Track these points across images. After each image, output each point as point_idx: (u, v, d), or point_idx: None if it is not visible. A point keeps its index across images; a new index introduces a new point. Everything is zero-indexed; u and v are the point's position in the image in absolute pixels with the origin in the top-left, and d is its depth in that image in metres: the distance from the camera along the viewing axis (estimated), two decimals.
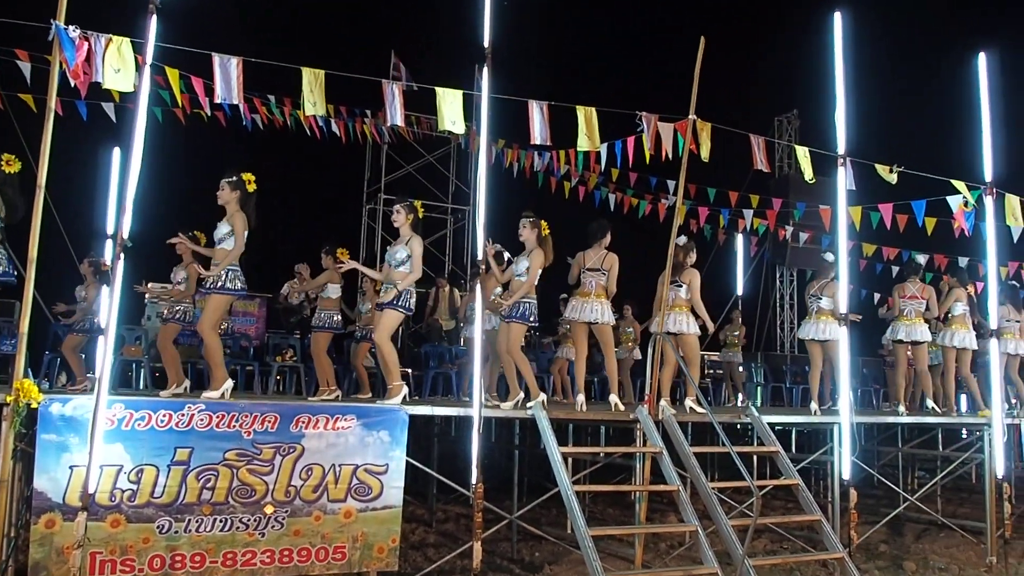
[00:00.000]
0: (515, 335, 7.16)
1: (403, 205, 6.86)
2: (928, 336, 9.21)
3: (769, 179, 17.11)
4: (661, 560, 7.75)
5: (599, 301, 7.43)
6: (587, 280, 7.52)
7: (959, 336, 9.57)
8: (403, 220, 6.82)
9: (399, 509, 5.76)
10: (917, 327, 9.17)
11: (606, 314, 7.43)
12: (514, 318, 7.08)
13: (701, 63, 7.10)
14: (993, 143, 8.28)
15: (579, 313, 7.48)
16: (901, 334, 9.27)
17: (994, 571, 7.83)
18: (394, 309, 6.58)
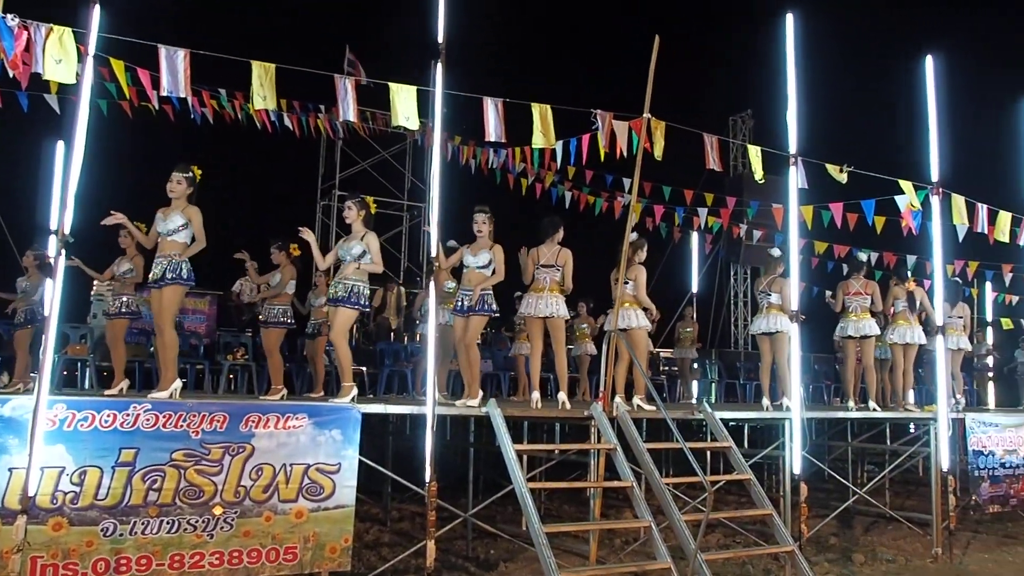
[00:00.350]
0: (475, 328, 7.14)
1: (354, 201, 6.79)
2: (875, 330, 9.35)
3: (723, 178, 17.32)
4: (615, 556, 7.78)
5: (553, 296, 7.42)
6: (541, 276, 7.51)
7: (899, 331, 9.75)
8: (355, 216, 6.75)
9: (352, 508, 5.69)
10: (864, 322, 9.32)
11: (560, 309, 7.42)
12: (478, 311, 7.05)
13: (656, 62, 7.13)
14: (940, 144, 8.45)
15: (533, 309, 7.47)
16: (850, 330, 9.41)
17: (940, 562, 8.00)
18: (348, 306, 6.51)
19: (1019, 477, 9.10)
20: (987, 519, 9.68)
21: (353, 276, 6.57)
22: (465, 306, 7.13)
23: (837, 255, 13.45)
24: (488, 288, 7.13)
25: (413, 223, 17.74)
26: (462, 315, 7.16)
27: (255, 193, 17.85)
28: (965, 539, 9.06)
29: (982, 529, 9.67)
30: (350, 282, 6.55)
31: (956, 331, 10.62)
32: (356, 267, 6.55)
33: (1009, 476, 9.02)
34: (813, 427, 10.84)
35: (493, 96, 6.79)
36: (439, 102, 6.38)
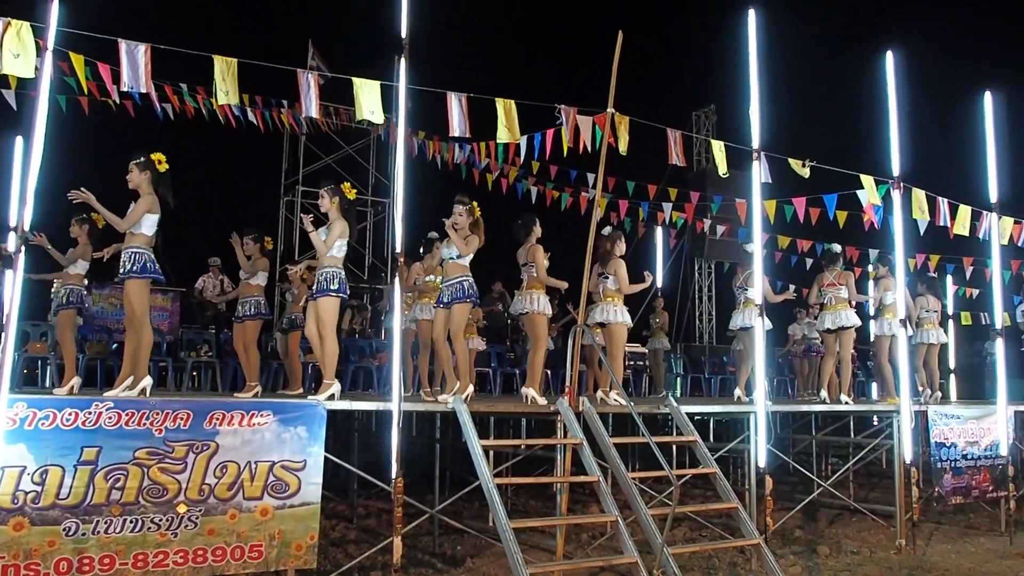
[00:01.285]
0: (459, 317, 6.99)
1: (327, 189, 6.67)
2: (855, 321, 9.44)
3: (687, 173, 17.44)
4: (583, 550, 7.81)
5: (528, 293, 7.45)
6: (522, 274, 7.58)
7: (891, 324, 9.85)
8: (328, 204, 6.64)
9: (317, 506, 5.64)
10: (842, 313, 9.40)
11: (534, 304, 7.43)
12: (459, 299, 6.96)
13: (619, 57, 7.15)
14: (900, 139, 8.57)
15: (515, 307, 7.55)
16: (828, 323, 9.50)
17: (903, 553, 8.12)
18: (330, 295, 6.41)
19: (981, 468, 9.27)
20: (949, 510, 9.87)
21: (328, 264, 6.49)
22: (443, 298, 7.09)
23: (800, 249, 13.61)
24: (466, 275, 6.99)
25: (378, 219, 17.66)
26: (444, 307, 7.12)
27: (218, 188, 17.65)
28: (928, 530, 9.22)
29: (945, 520, 9.85)
30: (324, 271, 6.47)
31: (932, 325, 10.78)
32: (336, 258, 6.48)
33: (971, 468, 9.18)
34: (778, 420, 11.00)
35: (457, 91, 6.77)
36: (403, 97, 6.34)
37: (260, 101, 11.86)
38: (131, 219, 6.02)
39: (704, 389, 14.73)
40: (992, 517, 9.80)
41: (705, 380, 14.82)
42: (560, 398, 6.90)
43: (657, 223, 14.05)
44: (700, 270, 20.72)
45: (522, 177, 13.47)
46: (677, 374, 15.42)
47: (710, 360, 15.55)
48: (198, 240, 11.97)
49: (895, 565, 7.64)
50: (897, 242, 8.67)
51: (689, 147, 19.08)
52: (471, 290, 7.00)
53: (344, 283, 6.52)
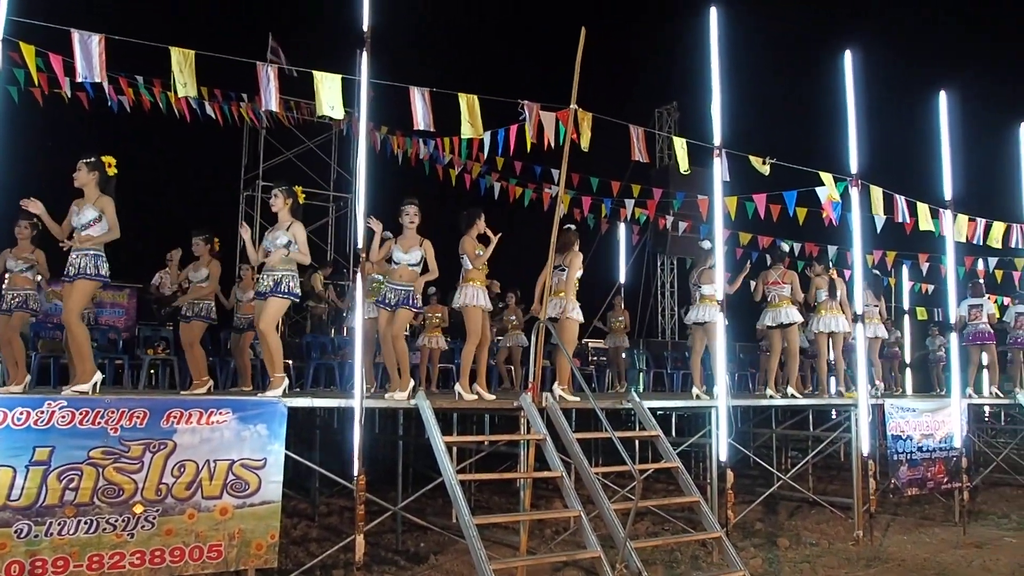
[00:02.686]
0: (401, 321, 7.11)
1: (281, 189, 6.62)
2: (797, 318, 9.56)
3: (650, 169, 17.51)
4: (546, 546, 7.82)
5: (464, 287, 7.45)
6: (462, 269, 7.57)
7: (826, 321, 10.02)
8: (281, 205, 6.58)
9: (278, 504, 5.57)
10: (784, 310, 9.52)
11: (469, 298, 7.40)
12: (403, 305, 7.00)
13: (582, 54, 7.14)
14: (858, 137, 8.69)
15: (454, 302, 7.56)
16: (769, 320, 9.62)
17: (861, 544, 8.25)
18: (277, 296, 6.36)
19: (936, 460, 9.44)
20: (905, 502, 10.04)
21: (281, 267, 6.41)
22: (392, 301, 7.06)
23: (761, 246, 13.76)
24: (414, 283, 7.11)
25: (339, 214, 17.51)
26: (388, 308, 7.09)
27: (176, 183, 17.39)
28: (885, 522, 9.37)
29: (901, 512, 10.03)
30: (278, 272, 6.39)
31: (873, 320, 10.96)
32: (284, 255, 6.41)
33: (926, 460, 9.35)
34: (739, 415, 11.08)
35: (420, 86, 6.72)
36: (364, 91, 6.27)
37: (219, 94, 11.68)
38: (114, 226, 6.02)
39: (666, 384, 14.83)
40: (946, 508, 9.99)
41: (667, 375, 14.92)
42: (523, 394, 6.89)
43: (620, 219, 14.11)
44: (662, 266, 20.85)
45: (485, 173, 13.44)
46: (639, 369, 15.50)
47: (672, 355, 15.65)
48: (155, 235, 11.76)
49: (853, 556, 7.75)
50: (855, 238, 8.78)
51: (652, 144, 19.05)
52: (416, 301, 7.13)
53: (296, 287, 6.49)
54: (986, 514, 10.04)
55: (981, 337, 11.62)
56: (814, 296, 10.20)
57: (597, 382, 14.10)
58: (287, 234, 6.46)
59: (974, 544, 8.33)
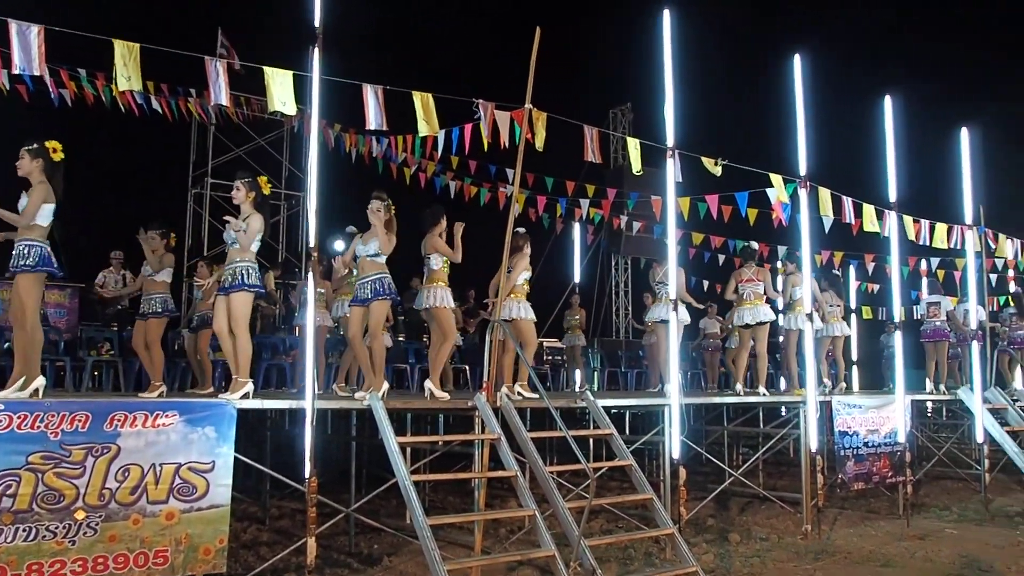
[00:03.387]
0: (378, 315, 6.88)
1: (243, 181, 6.45)
2: (771, 316, 9.67)
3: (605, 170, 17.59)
4: (501, 545, 7.80)
5: (430, 287, 7.36)
6: (425, 268, 7.48)
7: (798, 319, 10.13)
8: (243, 197, 6.41)
9: (227, 508, 5.47)
10: (759, 308, 9.63)
11: (437, 299, 7.34)
12: (377, 296, 6.85)
13: (537, 53, 7.14)
14: (807, 139, 8.81)
15: (418, 301, 7.44)
16: (747, 318, 9.70)
17: (809, 538, 8.37)
18: (244, 290, 6.20)
19: (881, 456, 9.62)
20: (852, 496, 10.22)
21: (239, 259, 6.28)
22: (360, 296, 6.94)
23: (714, 246, 13.91)
24: (383, 273, 6.89)
25: (291, 212, 17.28)
26: (360, 305, 6.97)
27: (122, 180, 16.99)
28: (832, 515, 9.53)
29: (848, 506, 10.21)
30: (238, 266, 6.26)
31: (836, 318, 11.14)
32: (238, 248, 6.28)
33: (872, 455, 9.52)
34: (691, 413, 11.18)
35: (373, 83, 6.65)
36: (316, 88, 6.19)
37: (166, 89, 11.44)
38: (29, 213, 5.70)
39: (621, 383, 14.91)
40: (891, 501, 10.21)
41: (622, 374, 15.00)
42: (478, 393, 6.87)
43: (575, 219, 14.15)
44: (617, 266, 20.94)
45: (440, 172, 13.38)
46: (594, 368, 15.56)
47: (627, 354, 15.75)
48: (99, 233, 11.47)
49: (802, 550, 7.87)
50: (804, 239, 8.92)
51: (606, 144, 19.26)
52: (390, 288, 6.91)
53: (259, 278, 6.35)
54: (928, 507, 10.28)
55: (937, 335, 11.88)
56: (789, 294, 10.32)
57: (552, 381, 14.12)
58: (244, 224, 6.33)
59: (917, 536, 8.51)
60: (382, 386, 6.71)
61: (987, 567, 7.17)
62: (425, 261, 7.48)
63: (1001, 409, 11.12)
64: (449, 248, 7.41)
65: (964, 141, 10.60)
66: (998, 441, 10.53)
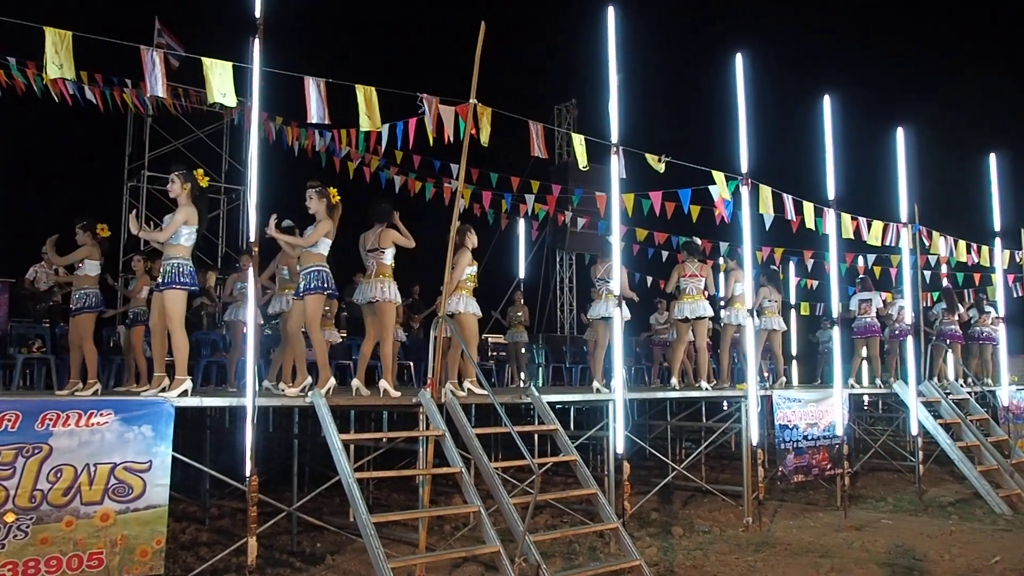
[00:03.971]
0: (313, 308, 6.77)
1: (178, 174, 6.28)
2: (709, 311, 9.79)
3: (549, 165, 17.64)
4: (446, 542, 7.77)
5: (377, 280, 7.28)
6: (369, 262, 7.39)
7: (738, 314, 10.27)
8: (178, 190, 6.24)
9: (165, 508, 5.34)
10: (699, 303, 9.74)
11: (385, 292, 7.26)
12: (310, 290, 6.73)
13: (482, 48, 7.11)
14: (748, 137, 8.94)
15: (361, 295, 7.34)
16: (687, 312, 9.80)
17: (750, 530, 8.52)
18: (177, 288, 6.05)
19: (820, 448, 9.82)
20: (792, 488, 10.42)
21: (175, 256, 6.13)
22: (301, 288, 6.83)
23: (657, 242, 14.05)
24: (320, 265, 6.78)
25: (231, 207, 16.96)
26: (298, 298, 6.86)
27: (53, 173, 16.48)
28: (773, 508, 9.71)
29: (787, 498, 10.41)
30: (171, 262, 6.10)
31: (773, 313, 11.33)
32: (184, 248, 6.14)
33: (811, 448, 9.72)
34: (635, 408, 11.30)
35: (315, 76, 6.55)
36: (256, 80, 6.07)
37: (100, 79, 11.11)
38: None
39: (565, 378, 14.98)
40: (829, 493, 10.43)
41: (566, 369, 15.08)
42: (422, 390, 6.82)
43: (519, 215, 14.16)
44: (561, 262, 21.02)
45: (384, 167, 13.27)
46: (539, 364, 15.61)
47: (571, 350, 15.82)
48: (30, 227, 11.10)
49: (743, 542, 7.99)
50: (745, 235, 9.05)
51: (551, 140, 19.31)
52: (327, 281, 6.79)
53: (193, 275, 6.21)
54: (865, 498, 10.53)
55: (868, 330, 12.18)
56: (731, 290, 10.45)
57: (497, 377, 14.12)
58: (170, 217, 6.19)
59: (854, 527, 8.71)
60: (328, 381, 6.62)
61: (920, 556, 7.37)
62: (373, 256, 7.37)
63: (935, 402, 11.43)
64: (403, 237, 7.34)
65: (900, 141, 10.86)
66: (932, 433, 10.83)
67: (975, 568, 6.96)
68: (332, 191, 6.95)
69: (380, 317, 7.28)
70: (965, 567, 7.00)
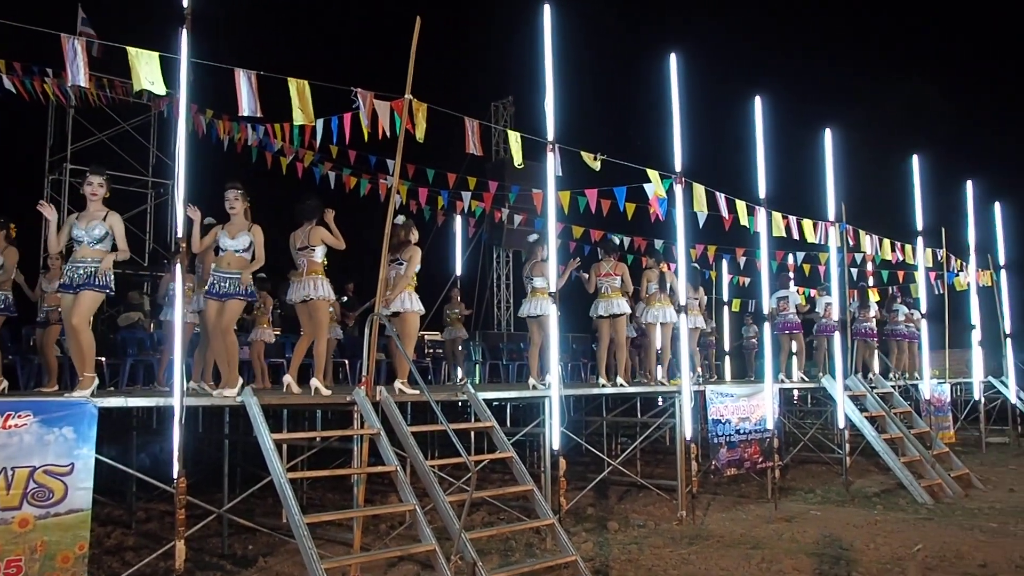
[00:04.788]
0: (232, 313, 6.69)
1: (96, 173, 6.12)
2: (626, 309, 9.88)
3: (486, 163, 17.62)
4: (381, 541, 7.70)
5: (310, 279, 7.18)
6: (300, 260, 7.28)
7: (656, 312, 10.40)
8: (96, 191, 6.08)
9: (88, 512, 5.16)
10: (615, 301, 9.82)
11: (318, 290, 7.17)
12: (235, 295, 6.62)
13: (417, 43, 7.05)
14: (682, 137, 9.04)
15: (294, 294, 7.23)
16: (601, 310, 9.88)
17: (684, 524, 8.62)
18: (92, 289, 5.88)
19: (752, 442, 10.00)
20: (725, 482, 10.59)
21: (93, 258, 5.96)
22: (221, 290, 6.68)
23: (593, 239, 14.14)
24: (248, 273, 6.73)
25: (159, 201, 16.52)
26: (217, 299, 6.71)
27: None
28: (706, 501, 9.86)
29: (720, 491, 10.58)
30: (90, 265, 5.93)
31: (694, 311, 11.51)
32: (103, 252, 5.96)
33: (743, 442, 9.89)
34: (571, 404, 11.35)
35: (246, 68, 6.41)
36: (184, 71, 5.90)
37: (19, 68, 10.70)
38: None
39: (502, 375, 14.99)
40: (760, 486, 10.64)
41: (503, 366, 15.09)
42: (357, 388, 6.74)
43: (456, 212, 14.11)
44: (498, 259, 21.03)
45: (319, 162, 13.07)
46: (476, 361, 15.59)
47: (508, 347, 15.84)
48: None
49: (677, 535, 8.09)
50: (679, 233, 9.16)
51: (488, 137, 19.30)
52: (249, 288, 6.72)
53: (110, 279, 6.03)
54: (795, 490, 10.77)
55: (789, 326, 12.46)
56: (646, 288, 10.56)
57: (433, 374, 14.05)
58: (104, 225, 6.00)
59: (784, 518, 8.89)
60: (236, 383, 6.50)
61: (847, 545, 7.56)
62: (304, 254, 7.29)
63: (861, 396, 11.75)
64: (333, 236, 7.25)
65: (827, 142, 11.11)
66: (858, 426, 11.12)
67: (898, 556, 7.16)
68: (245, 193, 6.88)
69: (314, 315, 7.24)
70: (889, 555, 7.20)
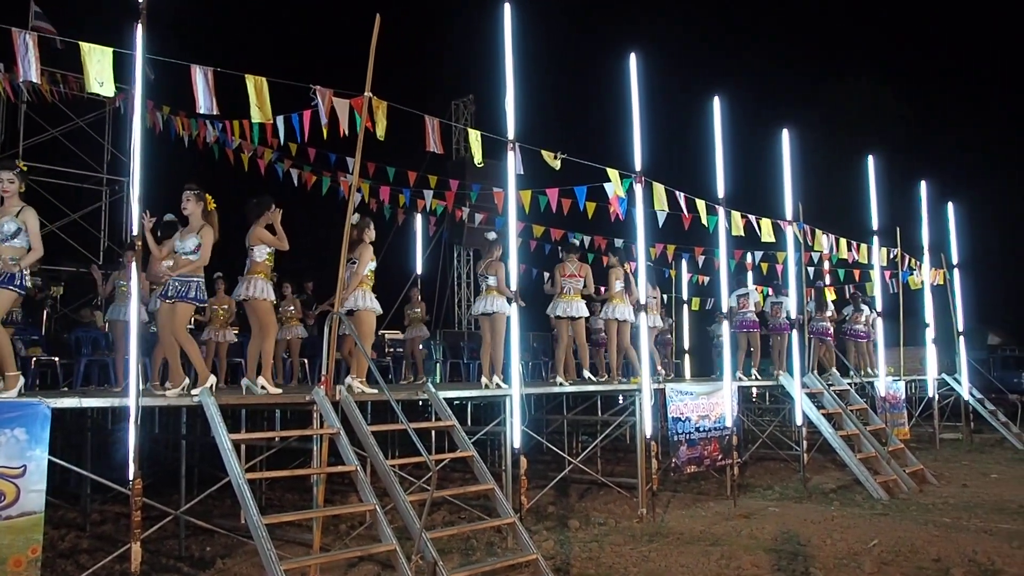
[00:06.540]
0: (182, 316, 6.64)
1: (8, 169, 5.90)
2: (585, 312, 9.94)
3: (447, 161, 17.60)
4: (341, 542, 7.66)
5: (250, 279, 7.18)
6: (248, 259, 7.25)
7: (619, 310, 10.47)
8: (7, 187, 5.85)
9: (41, 515, 5.07)
10: (575, 303, 9.87)
11: (255, 290, 7.13)
12: (182, 298, 6.54)
13: (377, 41, 7.02)
14: (642, 136, 9.10)
15: (236, 293, 7.28)
16: (560, 311, 9.93)
17: (644, 521, 8.69)
18: (7, 288, 5.69)
19: (711, 439, 10.12)
20: (684, 479, 10.69)
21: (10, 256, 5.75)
22: (170, 292, 6.59)
23: (553, 238, 14.20)
24: (196, 275, 6.62)
25: (114, 199, 16.24)
26: (168, 301, 6.62)
27: None
28: (666, 499, 9.94)
29: (680, 489, 10.68)
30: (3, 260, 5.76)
31: (652, 310, 11.61)
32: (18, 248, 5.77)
33: (703, 439, 10.00)
34: (532, 402, 11.38)
35: (203, 64, 6.33)
36: (139, 67, 5.81)
37: None
38: None
39: (463, 374, 14.97)
40: (720, 483, 10.76)
41: (464, 365, 15.07)
42: (316, 387, 6.70)
43: (417, 210, 14.08)
44: (459, 257, 21.02)
45: (278, 159, 12.96)
46: (436, 360, 15.55)
47: (469, 346, 15.82)
48: None
49: (637, 533, 8.15)
50: (639, 232, 9.23)
51: (448, 136, 19.28)
52: (199, 293, 6.64)
53: (24, 277, 5.84)
54: (753, 487, 10.91)
55: (748, 325, 12.62)
56: (613, 285, 10.62)
57: (394, 374, 14.00)
58: (16, 221, 5.79)
59: (743, 515, 9.00)
60: (207, 379, 6.43)
61: (805, 541, 7.67)
62: (248, 253, 7.25)
63: (818, 393, 11.93)
64: (273, 237, 7.21)
65: (785, 142, 11.27)
66: (815, 423, 11.28)
67: (854, 551, 7.29)
68: (208, 197, 6.77)
69: (254, 315, 7.21)
70: (845, 551, 7.32)
